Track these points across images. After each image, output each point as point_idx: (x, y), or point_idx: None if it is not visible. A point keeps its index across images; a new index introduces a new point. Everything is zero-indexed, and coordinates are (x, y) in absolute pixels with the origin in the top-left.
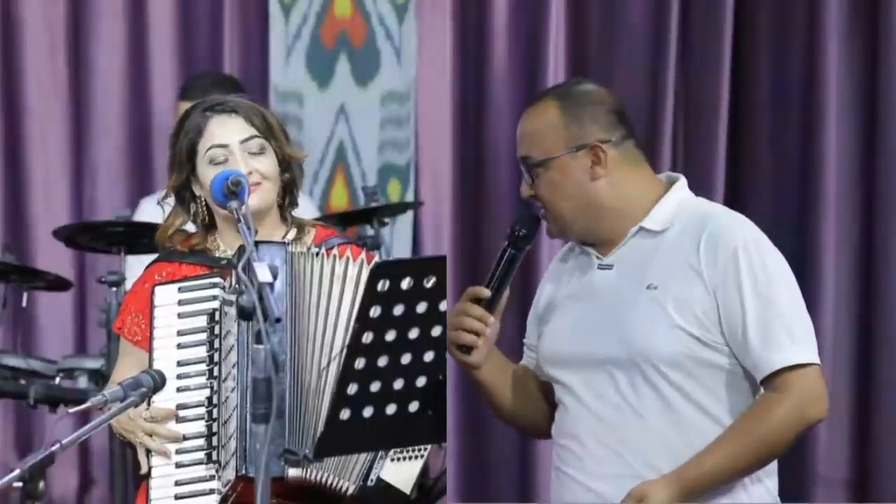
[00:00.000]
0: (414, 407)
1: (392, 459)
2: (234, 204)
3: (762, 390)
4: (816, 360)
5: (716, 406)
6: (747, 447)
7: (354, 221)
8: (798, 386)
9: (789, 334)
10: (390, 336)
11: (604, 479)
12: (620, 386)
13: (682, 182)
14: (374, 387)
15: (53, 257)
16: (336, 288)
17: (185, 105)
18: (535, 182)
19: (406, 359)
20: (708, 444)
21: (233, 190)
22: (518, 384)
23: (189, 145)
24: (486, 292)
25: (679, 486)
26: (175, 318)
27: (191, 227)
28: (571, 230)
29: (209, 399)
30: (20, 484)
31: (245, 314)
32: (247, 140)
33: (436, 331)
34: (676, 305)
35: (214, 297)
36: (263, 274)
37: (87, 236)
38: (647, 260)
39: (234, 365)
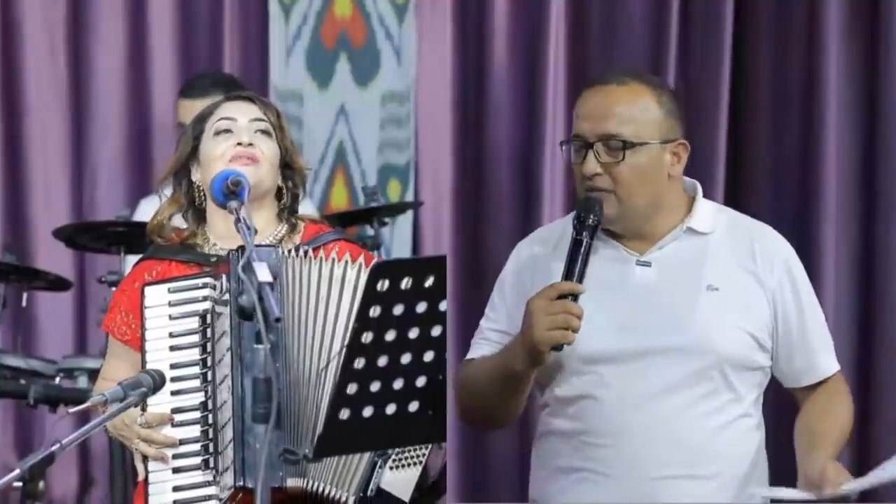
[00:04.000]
0: (414, 407)
1: (391, 468)
2: (233, 204)
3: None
4: None
5: (751, 408)
6: (846, 429)
7: (354, 221)
8: (846, 389)
9: (830, 342)
10: (390, 336)
11: (659, 482)
12: (674, 383)
13: (700, 188)
14: (374, 387)
15: (53, 257)
16: (334, 291)
17: (186, 102)
18: (618, 163)
19: (406, 359)
20: (823, 419)
21: (233, 190)
22: None
23: (198, 125)
24: (582, 288)
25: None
26: (166, 319)
27: (178, 221)
28: (629, 218)
29: (204, 404)
30: (20, 484)
31: (245, 314)
32: (256, 120)
33: (436, 331)
34: (741, 308)
35: (205, 298)
36: (263, 274)
37: (87, 236)
38: (697, 261)
39: (229, 367)
